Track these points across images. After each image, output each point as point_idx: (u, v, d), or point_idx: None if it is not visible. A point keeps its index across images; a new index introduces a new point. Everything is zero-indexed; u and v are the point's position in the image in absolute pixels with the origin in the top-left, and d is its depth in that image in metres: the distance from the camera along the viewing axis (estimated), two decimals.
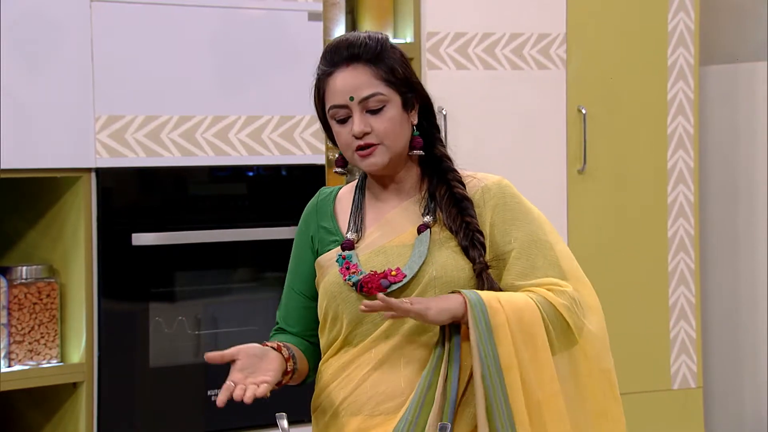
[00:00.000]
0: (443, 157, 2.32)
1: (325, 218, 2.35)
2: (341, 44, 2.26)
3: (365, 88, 2.22)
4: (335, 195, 2.38)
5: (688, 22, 4.30)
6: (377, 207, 2.32)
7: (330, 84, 2.25)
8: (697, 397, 4.36)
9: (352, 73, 2.23)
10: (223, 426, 3.60)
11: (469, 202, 2.27)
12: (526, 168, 4.07)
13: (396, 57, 2.27)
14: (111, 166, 3.40)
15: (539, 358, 2.16)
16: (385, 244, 2.26)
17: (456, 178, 2.30)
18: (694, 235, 4.34)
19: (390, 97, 2.24)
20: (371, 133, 2.23)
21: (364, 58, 2.23)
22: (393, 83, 2.24)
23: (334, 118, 2.26)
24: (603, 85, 4.20)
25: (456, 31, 3.99)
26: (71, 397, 3.43)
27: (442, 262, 2.22)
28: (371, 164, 2.25)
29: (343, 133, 2.25)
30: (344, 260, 2.25)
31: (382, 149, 2.24)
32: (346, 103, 2.23)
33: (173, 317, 3.53)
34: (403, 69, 2.26)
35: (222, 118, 3.55)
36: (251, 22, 3.60)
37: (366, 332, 2.24)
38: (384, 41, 2.27)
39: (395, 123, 2.24)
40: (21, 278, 3.37)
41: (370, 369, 2.22)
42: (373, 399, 2.21)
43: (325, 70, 2.26)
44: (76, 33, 3.34)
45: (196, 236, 3.52)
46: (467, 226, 2.24)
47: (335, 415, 2.25)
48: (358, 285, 2.22)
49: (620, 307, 4.22)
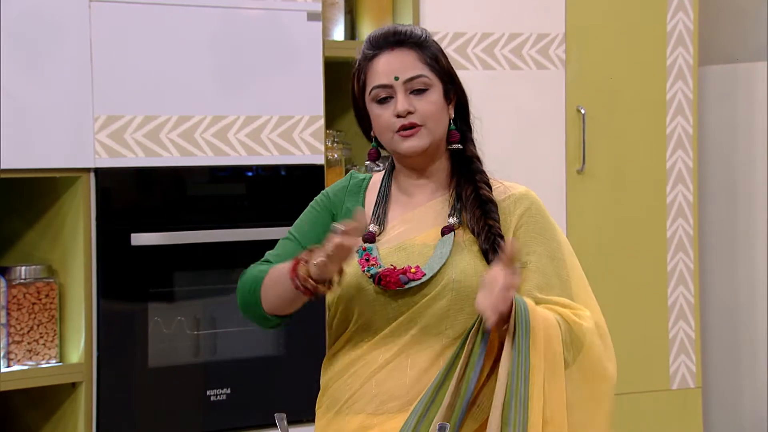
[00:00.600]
0: (474, 158, 2.33)
1: (353, 202, 2.33)
2: (386, 31, 2.28)
3: (411, 69, 2.23)
4: (367, 183, 2.36)
5: (687, 22, 4.30)
6: (403, 201, 2.31)
7: (373, 65, 2.25)
8: (696, 397, 4.36)
9: (398, 55, 2.24)
10: (222, 426, 3.60)
11: (493, 206, 2.26)
12: (525, 168, 4.07)
13: (439, 48, 2.29)
14: (110, 166, 3.40)
15: (555, 375, 2.16)
16: (407, 241, 2.25)
17: (484, 180, 2.30)
18: (693, 235, 4.34)
19: (433, 81, 2.25)
20: (414, 113, 2.23)
21: (409, 43, 2.25)
22: (436, 69, 2.26)
23: (375, 99, 2.25)
24: (602, 85, 4.20)
25: (455, 31, 3.99)
26: (70, 397, 3.42)
27: (462, 267, 2.21)
28: (412, 146, 2.23)
29: (384, 114, 2.24)
30: (364, 252, 2.24)
31: (424, 132, 2.24)
32: (391, 83, 2.23)
33: (172, 317, 3.53)
34: (445, 59, 2.29)
35: (221, 118, 3.55)
36: (250, 22, 3.60)
37: (376, 328, 2.23)
38: (428, 32, 2.30)
39: (438, 107, 2.25)
40: (20, 278, 3.36)
41: (377, 367, 2.22)
42: (378, 398, 2.21)
43: (369, 53, 2.26)
44: (75, 33, 3.34)
45: (196, 236, 3.52)
46: (489, 229, 2.24)
47: (339, 412, 2.25)
48: (377, 277, 2.21)
49: (619, 307, 4.22)
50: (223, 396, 3.58)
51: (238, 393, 3.60)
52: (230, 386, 3.59)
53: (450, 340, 2.21)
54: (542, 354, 2.13)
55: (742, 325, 4.57)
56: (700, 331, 4.37)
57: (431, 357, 2.20)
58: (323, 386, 2.32)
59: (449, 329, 2.21)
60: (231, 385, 3.59)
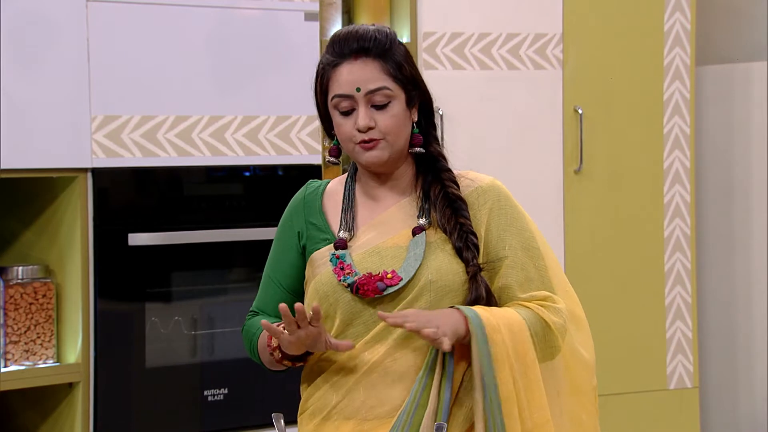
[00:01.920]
0: (439, 156, 2.31)
1: (314, 214, 2.32)
2: (350, 36, 2.23)
3: (373, 81, 2.21)
4: (323, 189, 2.35)
5: (684, 22, 4.31)
6: (369, 205, 2.30)
7: (336, 74, 2.22)
8: (693, 397, 4.36)
9: (361, 65, 2.21)
10: (219, 426, 3.60)
11: (463, 203, 2.26)
12: (522, 168, 4.07)
13: (402, 53, 2.26)
14: (107, 166, 3.40)
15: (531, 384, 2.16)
16: (380, 245, 2.24)
17: (450, 177, 2.29)
18: (691, 235, 4.34)
19: (396, 93, 2.23)
20: (375, 128, 2.21)
21: (373, 52, 2.22)
22: (399, 80, 2.23)
23: (336, 108, 2.23)
24: (599, 86, 4.20)
25: (452, 31, 3.99)
26: (67, 397, 3.42)
27: (437, 266, 2.20)
28: (372, 157, 2.23)
29: (345, 125, 2.23)
30: (338, 260, 2.23)
31: (384, 144, 2.22)
32: (352, 94, 2.21)
33: (169, 317, 3.53)
34: (409, 66, 2.26)
35: (218, 119, 3.55)
36: (247, 22, 3.59)
37: (358, 334, 2.22)
38: (393, 36, 2.26)
39: (399, 120, 2.23)
40: (17, 278, 3.36)
41: (363, 373, 2.21)
42: (366, 403, 2.20)
43: (332, 60, 2.23)
44: (72, 33, 3.34)
45: (193, 236, 3.52)
46: (461, 228, 2.23)
47: (326, 419, 2.24)
48: (354, 287, 2.20)
49: (616, 307, 4.22)
50: (220, 396, 3.58)
51: (235, 393, 3.60)
52: (227, 386, 3.59)
53: None
54: (511, 373, 2.13)
55: (739, 325, 4.57)
56: (697, 331, 4.37)
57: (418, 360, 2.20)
58: (306, 393, 2.30)
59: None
60: (228, 385, 3.59)
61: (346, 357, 2.23)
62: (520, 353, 2.15)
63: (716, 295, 4.61)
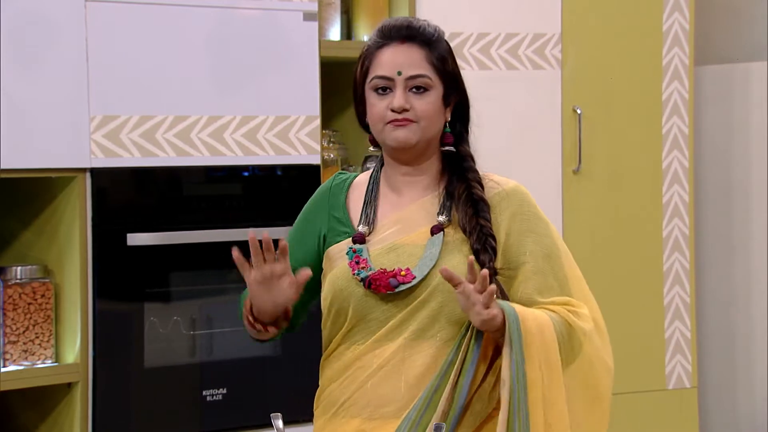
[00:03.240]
0: (467, 156, 2.31)
1: (337, 208, 2.32)
2: (400, 22, 2.27)
3: (415, 67, 2.23)
4: (350, 183, 2.36)
5: (683, 22, 4.31)
6: (392, 200, 2.30)
7: (379, 55, 2.24)
8: (691, 397, 4.36)
9: (406, 50, 2.23)
10: (217, 426, 3.60)
11: (485, 205, 2.25)
12: (521, 168, 4.06)
13: (447, 49, 2.29)
14: (106, 166, 3.40)
15: (554, 382, 2.15)
16: (398, 242, 2.24)
17: (476, 178, 2.29)
18: (689, 235, 4.34)
19: (434, 83, 2.24)
20: (410, 111, 2.22)
21: (419, 39, 2.24)
22: (441, 72, 2.25)
23: (374, 88, 2.24)
24: (598, 86, 4.20)
25: (451, 31, 3.99)
26: (66, 397, 3.42)
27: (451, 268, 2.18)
28: (401, 137, 2.22)
29: (379, 104, 2.23)
30: (354, 254, 2.23)
31: (416, 127, 2.23)
32: (392, 76, 2.22)
33: (168, 317, 3.52)
34: (453, 63, 2.28)
35: (217, 118, 3.55)
36: (246, 22, 3.59)
37: (370, 330, 2.22)
38: (441, 32, 2.29)
39: (434, 108, 2.24)
40: (16, 278, 3.36)
41: (372, 371, 2.21)
42: (373, 402, 2.20)
43: (378, 41, 2.25)
44: (71, 33, 3.34)
45: (192, 236, 3.52)
46: (481, 229, 2.22)
47: (335, 416, 2.25)
48: (367, 281, 2.20)
49: (615, 306, 4.22)
50: (219, 396, 3.58)
51: (234, 393, 3.60)
52: (226, 386, 3.59)
53: (442, 343, 2.20)
54: (538, 364, 2.12)
55: (738, 325, 4.58)
56: (696, 331, 4.38)
57: (426, 362, 2.19)
58: (321, 385, 2.32)
59: (441, 332, 2.21)
60: (227, 386, 3.59)
61: (355, 355, 2.23)
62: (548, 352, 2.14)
63: (715, 295, 4.61)
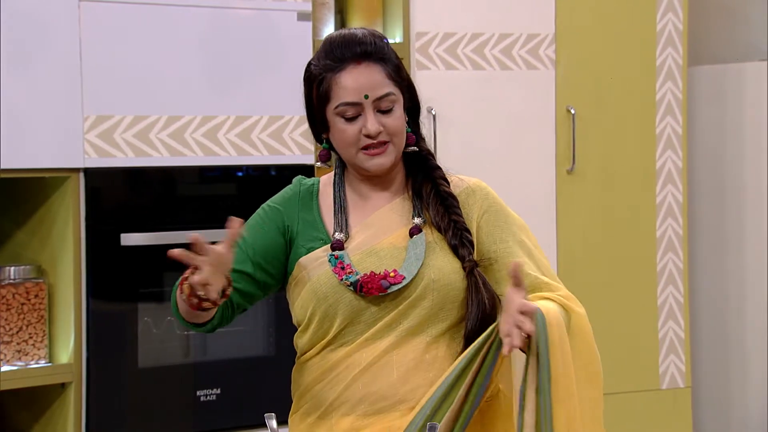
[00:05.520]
0: (428, 155, 2.32)
1: (309, 212, 2.31)
2: (349, 40, 2.22)
3: (380, 87, 2.21)
4: (317, 189, 2.34)
5: (677, 22, 4.31)
6: (361, 205, 2.30)
7: (339, 80, 2.20)
8: (685, 396, 4.37)
9: (366, 71, 2.20)
10: (211, 426, 3.60)
11: (454, 200, 2.27)
12: (515, 168, 4.07)
13: (396, 56, 2.27)
14: (99, 166, 3.39)
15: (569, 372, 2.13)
16: (376, 245, 2.25)
17: (441, 175, 2.30)
18: (683, 235, 4.35)
19: (398, 96, 2.24)
20: (383, 132, 2.21)
21: (375, 56, 2.21)
22: (399, 82, 2.24)
23: (341, 115, 2.22)
24: (592, 86, 4.21)
25: (445, 31, 3.99)
26: (59, 397, 3.42)
27: (439, 266, 2.21)
28: (379, 164, 2.23)
29: (349, 130, 2.21)
30: (337, 260, 2.23)
31: (391, 148, 2.23)
32: (360, 101, 2.20)
33: (162, 317, 3.52)
34: (404, 69, 2.27)
35: (211, 118, 3.55)
36: (240, 22, 3.59)
37: (357, 331, 2.23)
38: (385, 39, 2.26)
39: (402, 122, 2.24)
40: (9, 278, 3.36)
41: (361, 369, 2.21)
42: (367, 398, 2.20)
43: (332, 65, 2.21)
44: (64, 33, 3.34)
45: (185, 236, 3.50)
46: (455, 225, 2.24)
47: (324, 416, 2.24)
48: (358, 285, 2.20)
49: (609, 306, 4.23)
50: (212, 396, 3.58)
51: (228, 393, 3.60)
52: (220, 386, 3.59)
53: (433, 338, 2.22)
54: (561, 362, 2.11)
55: (732, 325, 4.58)
56: (689, 330, 4.38)
57: (416, 356, 2.21)
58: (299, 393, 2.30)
59: (431, 328, 2.22)
60: (221, 386, 3.59)
61: (343, 355, 2.23)
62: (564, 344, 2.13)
63: (708, 294, 4.62)
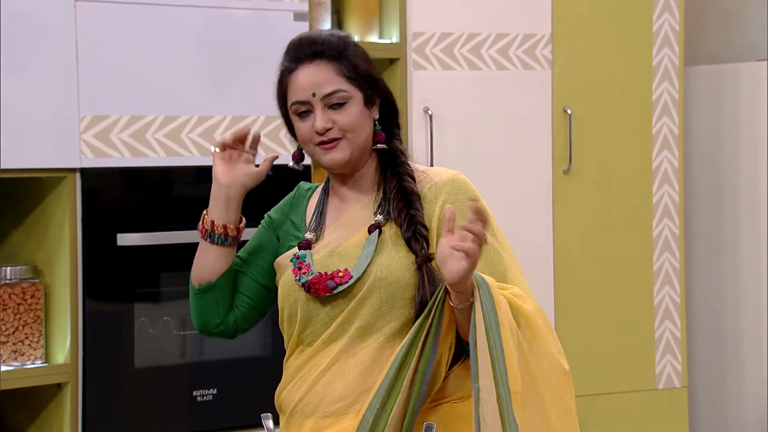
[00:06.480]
0: (397, 152, 2.34)
1: (297, 213, 2.39)
2: (304, 41, 2.29)
3: (327, 85, 2.25)
4: (312, 191, 2.42)
5: (673, 22, 4.31)
6: (337, 205, 2.35)
7: (293, 80, 2.27)
8: (681, 396, 4.37)
9: (315, 69, 2.26)
10: (208, 426, 3.60)
11: (415, 196, 2.28)
12: (511, 168, 4.07)
13: (359, 54, 2.29)
14: (96, 167, 3.39)
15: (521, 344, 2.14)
16: (341, 245, 2.29)
17: (407, 171, 2.31)
18: (679, 235, 4.35)
19: (352, 93, 2.26)
20: (333, 128, 2.26)
21: (327, 54, 2.26)
22: (355, 80, 2.27)
23: (296, 113, 2.29)
24: (588, 86, 4.21)
25: (442, 31, 3.99)
26: (56, 397, 3.42)
27: (386, 263, 2.23)
28: (332, 159, 2.27)
29: (303, 127, 2.28)
30: (297, 260, 2.29)
31: (344, 144, 2.26)
32: (309, 99, 2.26)
33: (158, 318, 3.52)
34: (365, 65, 2.29)
35: (207, 119, 3.55)
36: (237, 22, 3.59)
37: (316, 332, 2.27)
38: (346, 38, 2.30)
39: (357, 118, 2.27)
40: (5, 279, 3.36)
41: (322, 370, 2.25)
42: (325, 400, 2.23)
43: (288, 66, 2.29)
44: (60, 33, 3.33)
45: (182, 236, 3.51)
46: (411, 219, 2.25)
47: (291, 416, 2.29)
48: (306, 285, 2.25)
49: (605, 306, 4.23)
50: (209, 396, 3.58)
51: (224, 393, 3.60)
52: (216, 386, 3.59)
53: (387, 337, 2.23)
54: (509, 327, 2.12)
55: (728, 325, 4.59)
56: (686, 330, 4.38)
57: (372, 354, 2.22)
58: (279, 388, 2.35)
59: (385, 326, 2.23)
60: (217, 386, 3.59)
61: (307, 357, 2.27)
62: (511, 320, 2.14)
63: (705, 294, 4.62)
